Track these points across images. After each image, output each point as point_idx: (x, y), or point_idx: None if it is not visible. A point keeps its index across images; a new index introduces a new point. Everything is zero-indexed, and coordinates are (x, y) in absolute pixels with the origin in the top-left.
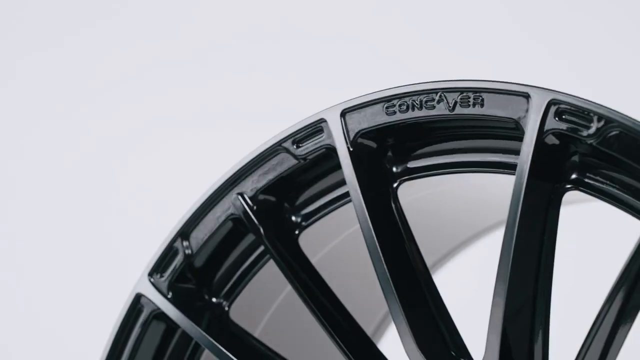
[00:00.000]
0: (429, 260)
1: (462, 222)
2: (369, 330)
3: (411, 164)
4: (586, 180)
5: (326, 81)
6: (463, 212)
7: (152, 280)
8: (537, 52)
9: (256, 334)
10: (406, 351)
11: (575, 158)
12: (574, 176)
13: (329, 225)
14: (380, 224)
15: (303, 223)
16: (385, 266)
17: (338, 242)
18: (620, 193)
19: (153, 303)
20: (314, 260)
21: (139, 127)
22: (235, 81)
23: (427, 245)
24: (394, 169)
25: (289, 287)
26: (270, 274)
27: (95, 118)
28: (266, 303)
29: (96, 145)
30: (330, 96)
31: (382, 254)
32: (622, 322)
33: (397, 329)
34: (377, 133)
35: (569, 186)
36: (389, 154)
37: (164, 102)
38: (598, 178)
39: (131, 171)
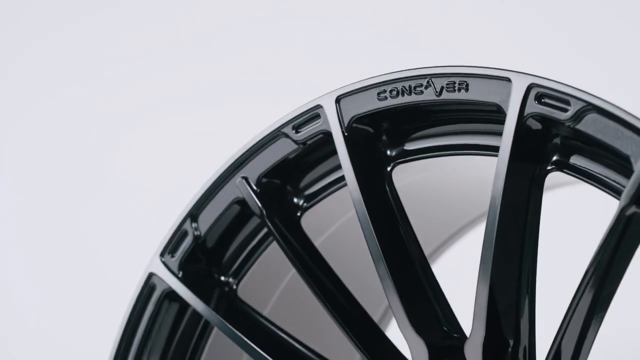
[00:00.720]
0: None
1: (460, 209)
2: (375, 313)
3: (406, 147)
4: (568, 162)
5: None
6: (459, 198)
7: (163, 260)
8: (526, 38)
9: (265, 314)
10: (400, 328)
11: (557, 140)
12: (556, 158)
13: (332, 207)
14: (374, 205)
15: (305, 205)
16: (378, 246)
17: (341, 223)
18: (601, 173)
19: (164, 282)
20: (318, 242)
21: (150, 107)
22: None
23: (424, 233)
24: (388, 152)
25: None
26: (278, 256)
27: (108, 94)
28: (274, 284)
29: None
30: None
31: (376, 234)
32: (595, 311)
33: (390, 306)
34: (371, 118)
35: (551, 167)
36: (384, 137)
37: (170, 80)
38: (579, 159)
39: (143, 151)
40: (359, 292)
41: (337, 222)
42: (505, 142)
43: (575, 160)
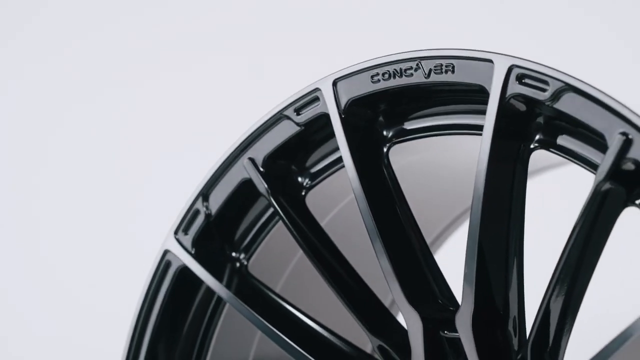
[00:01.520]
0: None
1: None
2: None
3: (404, 126)
4: (552, 140)
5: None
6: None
7: (177, 237)
8: (516, 23)
9: (277, 291)
10: (395, 300)
11: (540, 120)
12: (539, 136)
13: (339, 187)
14: (370, 184)
15: (309, 183)
16: (373, 222)
17: (347, 202)
18: (582, 152)
19: (179, 258)
20: (324, 221)
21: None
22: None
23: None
24: (385, 133)
25: None
26: (288, 234)
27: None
28: (285, 261)
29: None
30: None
31: (371, 211)
32: (575, 288)
33: (386, 280)
34: (366, 100)
35: (535, 146)
36: (380, 119)
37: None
38: (563, 138)
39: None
40: (367, 268)
41: (343, 201)
42: (489, 120)
43: (559, 139)
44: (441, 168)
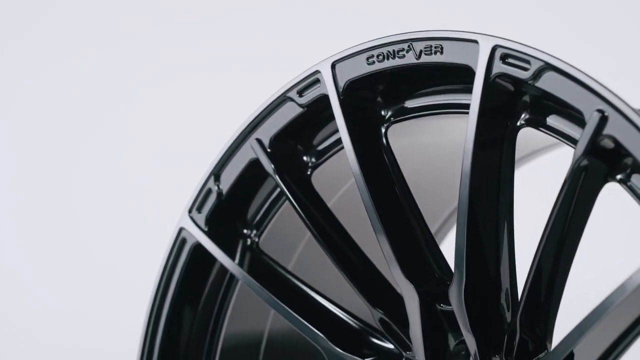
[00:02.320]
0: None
1: None
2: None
3: (401, 106)
4: (538, 119)
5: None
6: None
7: (191, 216)
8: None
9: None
10: (393, 275)
11: (527, 98)
12: (526, 115)
13: (345, 166)
14: (368, 162)
15: (314, 162)
16: (370, 199)
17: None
18: (568, 129)
19: (193, 236)
20: (333, 200)
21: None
22: None
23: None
24: (383, 113)
25: None
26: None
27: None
28: (296, 239)
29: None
30: None
31: (368, 188)
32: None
33: (384, 255)
34: (363, 81)
35: (521, 123)
36: (379, 99)
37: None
38: (549, 117)
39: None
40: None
41: (351, 180)
42: (475, 99)
43: (548, 119)
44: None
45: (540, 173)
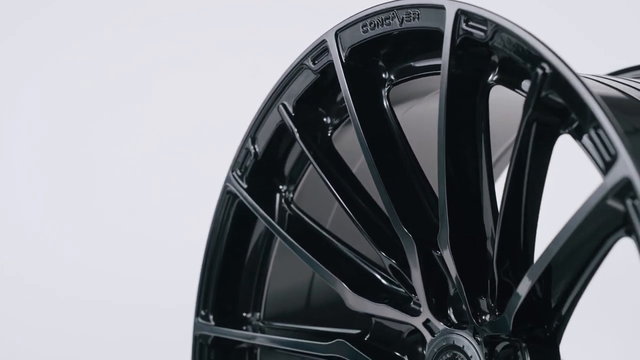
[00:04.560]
0: None
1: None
2: None
3: (401, 67)
4: (507, 77)
5: None
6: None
7: (233, 174)
8: None
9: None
10: (393, 225)
11: (494, 58)
12: (493, 74)
13: None
14: (369, 121)
15: (334, 122)
16: (370, 153)
17: None
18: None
19: (236, 192)
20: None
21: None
22: None
23: None
24: (384, 75)
25: None
26: None
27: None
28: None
29: None
30: None
31: (367, 143)
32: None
33: (384, 207)
34: (362, 47)
35: (492, 81)
36: (380, 63)
37: None
38: (516, 76)
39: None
40: None
41: None
42: (444, 58)
43: (515, 77)
44: None
45: None
